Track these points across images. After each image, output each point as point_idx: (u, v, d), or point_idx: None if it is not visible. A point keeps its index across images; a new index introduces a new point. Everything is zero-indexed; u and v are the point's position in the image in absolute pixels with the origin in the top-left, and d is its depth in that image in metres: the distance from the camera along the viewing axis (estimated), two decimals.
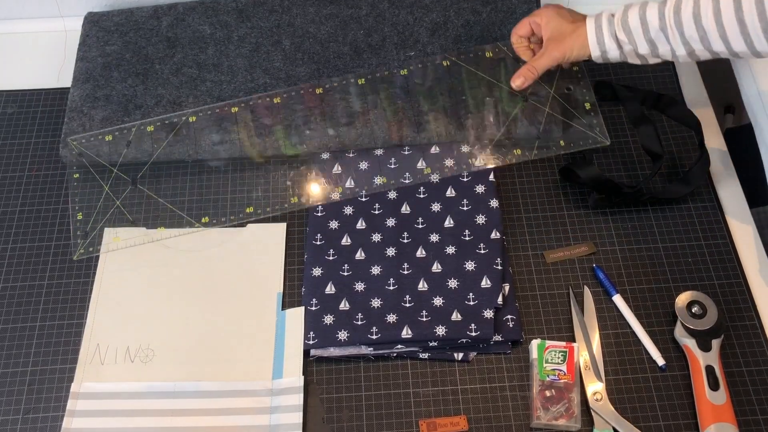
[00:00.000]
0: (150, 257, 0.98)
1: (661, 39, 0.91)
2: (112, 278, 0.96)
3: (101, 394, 0.88)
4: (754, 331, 0.92)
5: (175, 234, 0.99)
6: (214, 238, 0.99)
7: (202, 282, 0.96)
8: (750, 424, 0.86)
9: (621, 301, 0.94)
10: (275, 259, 0.97)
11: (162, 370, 0.90)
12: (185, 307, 0.94)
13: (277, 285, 0.96)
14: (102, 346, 0.91)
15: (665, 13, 0.89)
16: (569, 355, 0.87)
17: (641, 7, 0.92)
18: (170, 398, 0.88)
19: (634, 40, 0.92)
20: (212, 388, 0.89)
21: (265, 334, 0.92)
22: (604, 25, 0.94)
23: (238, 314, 0.94)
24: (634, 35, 0.92)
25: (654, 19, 0.90)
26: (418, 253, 0.96)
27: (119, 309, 0.94)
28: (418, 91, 1.04)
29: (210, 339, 0.92)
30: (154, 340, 0.92)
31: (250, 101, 1.04)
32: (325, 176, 1.01)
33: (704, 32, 0.87)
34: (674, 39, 0.90)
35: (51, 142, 1.07)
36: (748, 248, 0.98)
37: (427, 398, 0.88)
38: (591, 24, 0.95)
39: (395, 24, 1.13)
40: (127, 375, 0.90)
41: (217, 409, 0.87)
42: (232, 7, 1.13)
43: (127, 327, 0.93)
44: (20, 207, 1.02)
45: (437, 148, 1.04)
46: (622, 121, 1.08)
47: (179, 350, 0.91)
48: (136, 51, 1.11)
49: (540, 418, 0.84)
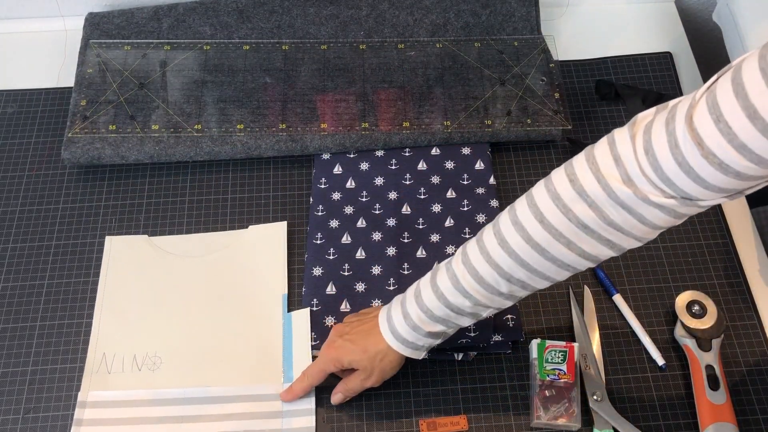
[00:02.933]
0: (153, 264, 0.97)
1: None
2: (116, 286, 0.95)
3: (109, 402, 0.88)
4: (754, 331, 0.92)
5: (172, 242, 0.98)
6: (217, 241, 0.99)
7: (206, 287, 0.95)
8: (750, 424, 0.86)
9: (621, 301, 0.94)
10: (278, 259, 0.97)
11: (170, 377, 0.89)
12: (191, 312, 0.94)
13: (282, 287, 0.95)
14: (108, 355, 0.91)
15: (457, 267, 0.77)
16: (569, 354, 0.87)
17: (425, 286, 0.79)
18: (180, 405, 0.87)
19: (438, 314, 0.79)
20: (222, 393, 0.88)
21: (273, 336, 0.91)
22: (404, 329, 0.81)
23: (244, 318, 0.93)
24: (437, 310, 0.78)
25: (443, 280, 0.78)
26: (419, 254, 0.97)
27: (124, 317, 0.93)
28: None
29: (217, 344, 0.91)
30: (161, 348, 0.91)
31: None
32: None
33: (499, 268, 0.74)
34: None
35: (51, 142, 1.07)
36: (748, 248, 0.98)
37: (427, 398, 0.88)
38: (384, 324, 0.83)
39: (395, 25, 1.14)
40: (134, 383, 0.89)
41: (227, 414, 0.87)
42: (232, 8, 1.13)
43: (133, 335, 0.92)
44: (20, 207, 1.02)
45: (438, 150, 1.04)
46: (622, 121, 1.08)
47: (187, 356, 0.91)
48: (138, 53, 1.11)
49: (540, 418, 0.84)
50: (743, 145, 0.59)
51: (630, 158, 0.66)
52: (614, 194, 0.66)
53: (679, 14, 1.20)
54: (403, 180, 1.02)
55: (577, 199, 0.68)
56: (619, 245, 0.71)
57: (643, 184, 0.65)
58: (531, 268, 0.73)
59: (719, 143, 0.60)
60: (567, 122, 1.06)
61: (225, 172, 1.05)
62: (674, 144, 0.62)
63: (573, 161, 0.70)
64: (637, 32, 1.18)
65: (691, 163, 0.62)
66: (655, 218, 0.67)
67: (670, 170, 0.63)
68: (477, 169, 1.03)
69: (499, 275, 0.74)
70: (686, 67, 1.14)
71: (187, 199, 1.02)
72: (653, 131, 0.64)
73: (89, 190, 1.03)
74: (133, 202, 1.02)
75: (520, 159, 1.06)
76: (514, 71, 1.10)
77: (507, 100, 1.07)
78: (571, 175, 0.69)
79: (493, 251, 0.73)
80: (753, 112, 0.57)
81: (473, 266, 0.75)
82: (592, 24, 1.19)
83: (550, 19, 1.19)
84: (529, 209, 0.71)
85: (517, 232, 0.72)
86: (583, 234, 0.70)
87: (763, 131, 0.58)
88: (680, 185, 0.64)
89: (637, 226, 0.69)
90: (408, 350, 0.82)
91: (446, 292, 0.77)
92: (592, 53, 1.16)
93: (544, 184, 0.71)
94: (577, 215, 0.69)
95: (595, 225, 0.69)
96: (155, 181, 1.04)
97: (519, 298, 0.78)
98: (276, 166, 1.05)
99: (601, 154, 0.68)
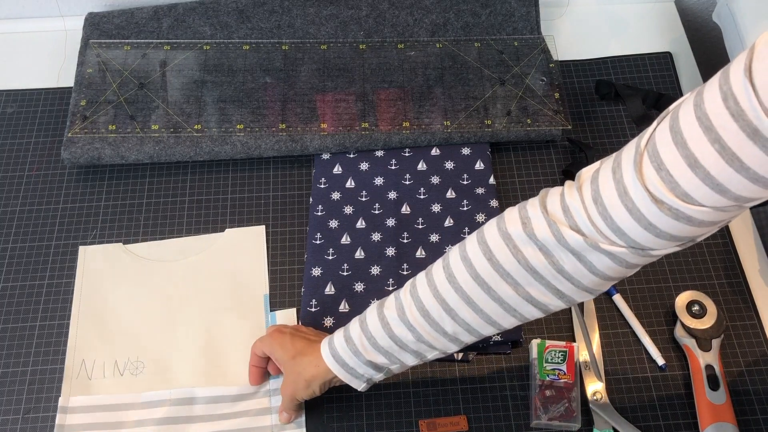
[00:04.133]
0: (128, 271, 0.97)
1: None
2: (92, 293, 0.95)
3: (93, 407, 0.87)
4: (754, 331, 0.92)
5: (148, 249, 0.98)
6: (193, 246, 0.99)
7: (186, 291, 0.95)
8: (750, 424, 0.86)
9: (621, 301, 0.94)
10: (257, 261, 0.97)
11: (154, 381, 0.89)
12: (171, 316, 0.94)
13: (263, 287, 0.95)
14: (88, 361, 0.90)
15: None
16: (569, 354, 0.87)
17: (363, 322, 0.78)
18: (167, 406, 0.87)
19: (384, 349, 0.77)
20: (209, 394, 0.88)
21: (256, 336, 0.91)
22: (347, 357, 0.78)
23: (225, 319, 0.93)
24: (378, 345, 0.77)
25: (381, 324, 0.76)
26: (418, 254, 0.97)
27: (102, 323, 0.93)
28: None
29: (200, 346, 0.91)
30: (142, 353, 0.91)
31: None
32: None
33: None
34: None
35: (51, 142, 1.07)
36: (748, 248, 0.98)
37: (427, 398, 0.88)
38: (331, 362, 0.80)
39: (395, 25, 1.14)
40: (118, 388, 0.88)
41: (216, 415, 0.87)
42: (232, 8, 1.13)
43: (113, 341, 0.92)
44: (20, 207, 1.02)
45: (438, 150, 1.04)
46: (622, 121, 1.08)
47: (170, 360, 0.90)
48: (138, 53, 1.11)
49: (540, 418, 0.84)
50: (686, 194, 0.59)
51: (578, 209, 0.65)
52: (564, 240, 0.66)
53: (679, 14, 1.20)
54: (402, 180, 1.02)
55: (528, 242, 0.67)
56: (569, 296, 0.70)
57: (593, 233, 0.65)
58: (476, 307, 0.71)
59: (662, 192, 0.59)
60: (567, 122, 1.06)
61: (225, 172, 1.05)
62: (623, 191, 0.62)
63: (527, 205, 0.69)
64: (637, 32, 1.18)
65: (641, 209, 0.61)
66: (605, 268, 0.66)
67: (619, 218, 0.62)
68: (477, 169, 1.03)
69: (444, 311, 0.72)
70: (686, 67, 1.14)
71: (187, 199, 1.02)
72: (600, 180, 0.64)
73: (89, 190, 1.03)
74: (132, 202, 1.02)
75: (520, 159, 1.06)
76: (514, 71, 1.10)
77: (507, 100, 1.07)
78: (524, 218, 0.68)
79: (440, 285, 0.72)
80: (693, 161, 0.57)
81: (419, 298, 0.74)
82: (592, 24, 1.19)
83: (550, 19, 1.19)
84: (478, 246, 0.70)
85: (465, 268, 0.71)
86: (531, 278, 0.69)
87: (704, 179, 0.57)
88: (631, 234, 0.63)
89: (587, 276, 0.67)
90: (346, 374, 0.79)
91: (391, 321, 0.75)
92: (592, 53, 1.16)
93: (497, 223, 0.70)
94: (526, 257, 0.68)
95: (545, 271, 0.68)
96: (155, 181, 1.04)
97: (464, 343, 0.76)
98: (276, 166, 1.05)
99: (552, 203, 0.67)
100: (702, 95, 0.57)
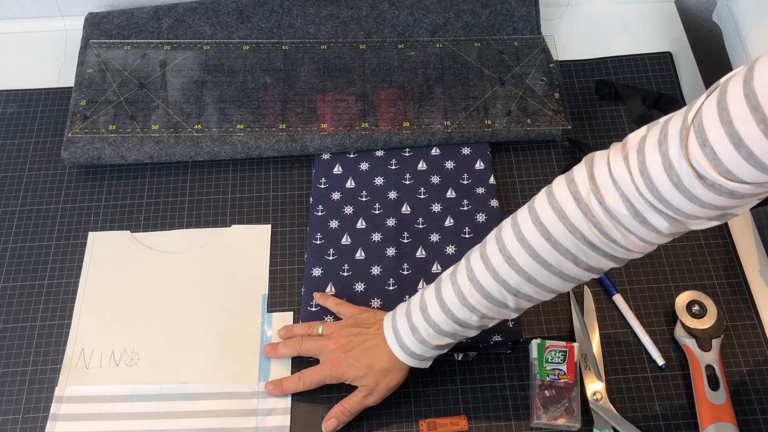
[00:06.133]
0: (133, 260, 0.98)
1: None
2: (97, 282, 0.96)
3: (86, 397, 0.88)
4: (754, 331, 0.92)
5: (154, 238, 0.99)
6: (199, 238, 0.99)
7: (186, 284, 0.96)
8: (750, 424, 0.86)
9: (621, 301, 0.94)
10: (260, 260, 0.97)
11: (147, 373, 0.90)
12: (170, 309, 0.94)
13: (262, 287, 0.96)
14: (87, 350, 0.91)
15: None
16: (569, 354, 0.87)
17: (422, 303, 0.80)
18: (156, 401, 0.88)
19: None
20: (198, 390, 0.88)
21: (251, 335, 0.92)
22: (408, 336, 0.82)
23: (222, 316, 0.93)
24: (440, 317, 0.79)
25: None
26: (418, 254, 0.97)
27: (104, 313, 0.94)
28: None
29: (195, 341, 0.92)
30: (138, 344, 0.92)
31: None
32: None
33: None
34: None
35: (51, 142, 1.07)
36: (748, 248, 0.98)
37: (427, 398, 0.88)
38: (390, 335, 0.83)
39: (395, 25, 1.14)
40: (112, 379, 0.89)
41: (203, 411, 0.87)
42: (232, 8, 1.13)
43: (112, 331, 0.93)
44: (20, 207, 1.02)
45: (438, 150, 1.04)
46: (622, 121, 1.08)
47: (164, 353, 0.91)
48: (138, 53, 1.11)
49: (540, 418, 0.84)
50: (728, 171, 0.59)
51: (626, 180, 0.66)
52: (614, 215, 0.68)
53: (679, 14, 1.20)
54: (403, 180, 1.02)
55: (583, 220, 0.69)
56: (622, 258, 0.72)
57: (640, 205, 0.66)
58: (538, 283, 0.74)
59: (705, 168, 0.60)
60: (567, 122, 1.06)
61: (225, 172, 1.05)
62: (668, 165, 0.63)
63: (575, 176, 0.70)
64: (637, 32, 1.18)
65: (686, 183, 0.62)
66: (650, 237, 0.69)
67: (665, 190, 0.64)
68: (477, 169, 1.03)
69: (507, 291, 0.75)
70: (686, 67, 1.14)
71: (187, 199, 1.02)
72: (647, 150, 0.65)
73: (89, 190, 1.03)
74: (132, 202, 1.02)
75: (520, 159, 1.06)
76: (514, 71, 1.10)
77: (507, 100, 1.07)
78: (575, 193, 0.69)
79: (499, 267, 0.74)
80: (738, 140, 0.57)
81: (479, 282, 0.75)
82: (592, 24, 1.19)
83: (550, 19, 1.19)
84: (534, 227, 0.72)
85: (524, 249, 0.72)
86: (589, 251, 0.71)
87: (747, 158, 0.57)
88: (677, 205, 0.64)
89: (637, 244, 0.70)
90: (416, 362, 0.84)
91: (453, 307, 0.78)
92: (592, 53, 1.16)
93: (548, 200, 0.72)
94: (583, 234, 0.70)
95: (601, 243, 0.70)
96: (155, 181, 1.04)
97: (524, 310, 0.79)
98: (276, 166, 1.05)
99: (600, 173, 0.69)
100: (753, 71, 0.56)
